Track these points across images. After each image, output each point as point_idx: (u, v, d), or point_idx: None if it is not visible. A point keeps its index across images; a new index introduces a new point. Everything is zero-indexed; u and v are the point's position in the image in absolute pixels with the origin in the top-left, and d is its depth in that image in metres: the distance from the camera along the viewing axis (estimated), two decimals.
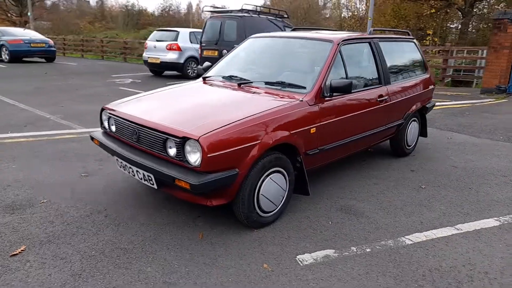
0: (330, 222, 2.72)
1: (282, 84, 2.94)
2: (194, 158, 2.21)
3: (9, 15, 34.69)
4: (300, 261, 2.25)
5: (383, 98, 3.43)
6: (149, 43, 11.37)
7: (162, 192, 3.00)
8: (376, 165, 3.94)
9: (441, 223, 2.75)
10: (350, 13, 24.94)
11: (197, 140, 2.14)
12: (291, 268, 2.18)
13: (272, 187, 2.55)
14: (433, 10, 17.63)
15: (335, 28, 22.40)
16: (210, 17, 9.58)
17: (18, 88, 8.39)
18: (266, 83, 3.02)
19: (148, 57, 11.21)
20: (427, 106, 4.27)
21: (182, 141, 2.23)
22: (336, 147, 3.04)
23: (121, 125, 2.69)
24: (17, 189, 3.08)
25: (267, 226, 2.62)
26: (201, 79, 3.45)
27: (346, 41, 3.17)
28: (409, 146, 4.18)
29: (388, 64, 3.63)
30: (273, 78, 3.07)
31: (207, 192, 2.31)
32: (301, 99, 2.71)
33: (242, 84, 3.06)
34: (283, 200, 2.69)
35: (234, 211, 2.51)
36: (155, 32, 11.94)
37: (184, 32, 11.04)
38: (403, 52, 4.07)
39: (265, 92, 2.89)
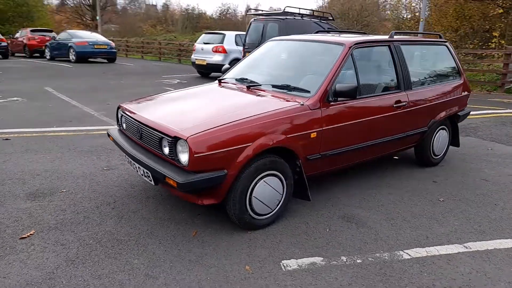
0: (328, 230, 2.66)
1: (287, 87, 2.92)
2: (184, 157, 2.28)
3: (84, 19, 37.92)
4: (284, 266, 2.23)
5: (401, 104, 3.26)
6: (197, 45, 11.76)
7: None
8: (397, 174, 3.76)
9: (450, 240, 2.57)
10: (411, 14, 23.83)
11: (186, 140, 2.21)
12: (273, 272, 2.17)
13: (267, 190, 2.55)
14: (501, 10, 16.26)
15: (393, 28, 21.49)
16: (254, 19, 9.69)
17: (76, 87, 9.11)
18: (273, 86, 3.02)
19: (196, 59, 11.60)
20: (459, 114, 3.98)
21: (174, 141, 2.31)
22: (342, 153, 2.95)
23: (129, 123, 2.85)
24: (44, 179, 3.37)
25: (261, 229, 2.63)
26: (217, 81, 3.53)
27: (359, 44, 3.07)
28: (437, 155, 3.93)
29: (411, 68, 3.45)
30: (282, 81, 3.06)
31: (198, 191, 2.38)
32: (302, 103, 2.68)
33: (251, 86, 3.09)
34: (279, 204, 2.67)
35: (227, 212, 2.55)
36: (203, 35, 12.34)
37: (230, 35, 11.28)
38: (430, 56, 3.84)
39: (271, 95, 2.90)
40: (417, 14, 22.64)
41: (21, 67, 14.11)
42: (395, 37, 3.43)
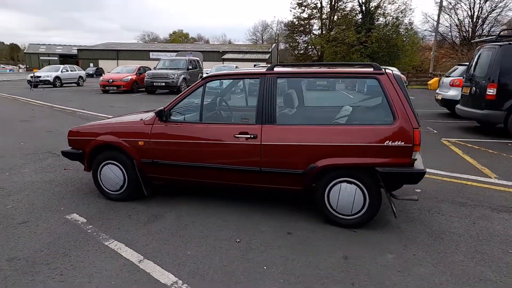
0: (130, 216, 3.46)
1: None
2: None
3: (458, 54, 37.41)
4: (68, 215, 3.47)
5: (247, 136, 3.19)
6: (444, 78, 10.68)
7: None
8: (276, 213, 3.48)
9: (152, 257, 2.74)
10: None
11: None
12: (62, 213, 3.48)
13: (109, 174, 3.71)
14: None
15: None
16: (480, 47, 8.00)
17: None
18: None
19: (436, 93, 10.64)
20: (378, 169, 2.87)
21: None
22: (176, 166, 3.47)
23: None
24: None
25: (115, 201, 3.79)
26: None
27: (214, 77, 3.44)
28: (342, 214, 3.09)
29: (290, 103, 3.18)
30: None
31: (77, 159, 3.97)
32: (141, 118, 3.62)
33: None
34: (123, 187, 3.70)
35: None
36: (455, 66, 10.93)
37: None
38: (333, 91, 3.07)
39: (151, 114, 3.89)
40: None
41: None
42: (276, 69, 3.27)
